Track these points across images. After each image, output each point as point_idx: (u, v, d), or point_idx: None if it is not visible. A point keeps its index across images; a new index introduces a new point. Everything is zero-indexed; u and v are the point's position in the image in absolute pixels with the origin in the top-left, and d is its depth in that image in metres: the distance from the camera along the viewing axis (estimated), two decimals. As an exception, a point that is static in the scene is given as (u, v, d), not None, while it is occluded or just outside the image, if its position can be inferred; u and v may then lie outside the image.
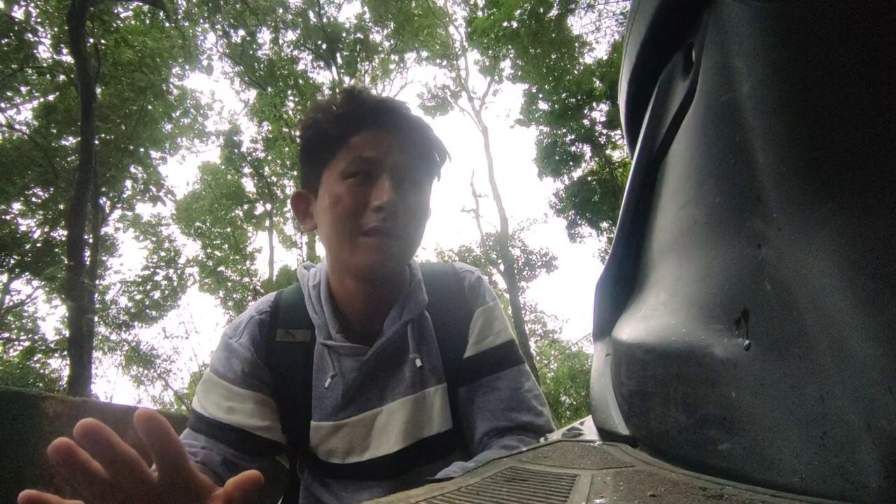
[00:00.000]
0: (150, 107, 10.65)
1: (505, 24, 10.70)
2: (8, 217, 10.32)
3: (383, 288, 0.81)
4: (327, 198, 0.74)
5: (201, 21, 10.84)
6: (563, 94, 11.62)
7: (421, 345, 0.80)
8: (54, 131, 10.29)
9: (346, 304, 0.82)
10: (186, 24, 10.68)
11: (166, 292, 13.80)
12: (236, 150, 13.91)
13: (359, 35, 12.81)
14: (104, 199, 11.61)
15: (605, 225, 11.98)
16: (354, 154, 0.73)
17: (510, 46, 11.45)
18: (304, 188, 0.81)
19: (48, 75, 9.00)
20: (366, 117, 0.75)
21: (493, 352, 0.84)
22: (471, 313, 0.86)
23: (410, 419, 0.78)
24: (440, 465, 0.76)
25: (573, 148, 12.29)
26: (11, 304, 12.24)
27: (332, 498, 0.81)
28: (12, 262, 10.28)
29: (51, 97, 10.10)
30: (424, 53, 15.09)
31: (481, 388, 0.82)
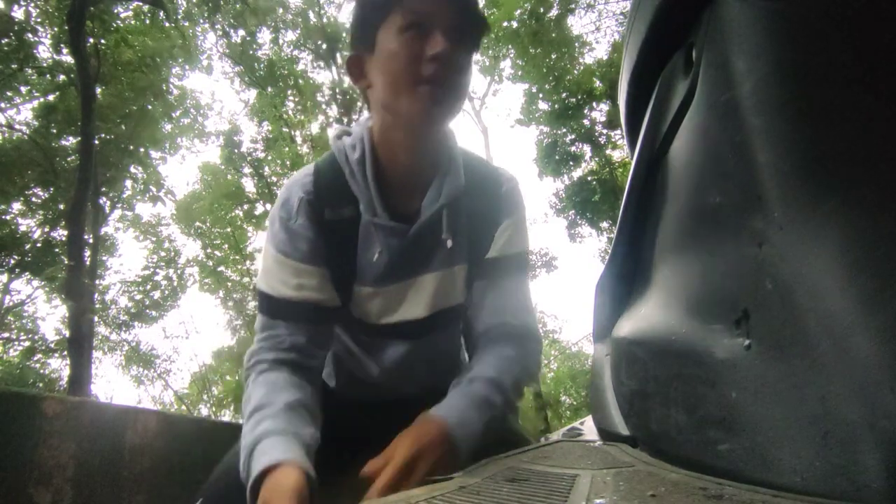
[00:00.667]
0: (150, 107, 10.65)
1: (505, 24, 10.70)
2: (8, 217, 10.32)
3: (428, 150, 0.87)
4: (384, 53, 0.80)
5: (201, 21, 10.84)
6: (563, 94, 11.61)
7: (453, 227, 0.88)
8: (54, 131, 10.29)
9: (391, 174, 0.87)
10: (186, 24, 10.68)
11: (166, 292, 13.80)
12: (236, 150, 13.89)
13: (359, 35, 12.76)
14: (104, 199, 11.60)
15: (605, 225, 11.97)
16: (409, 8, 0.78)
17: (510, 46, 11.44)
18: (358, 50, 0.86)
19: (48, 75, 8.99)
20: None
21: (514, 257, 0.93)
22: (501, 217, 0.93)
23: (437, 291, 0.89)
24: (451, 330, 0.96)
25: (573, 148, 12.28)
26: (11, 304, 12.24)
27: (361, 350, 0.95)
28: (12, 262, 10.28)
29: (51, 97, 10.09)
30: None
31: (496, 286, 0.92)
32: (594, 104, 11.77)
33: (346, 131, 0.93)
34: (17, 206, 10.64)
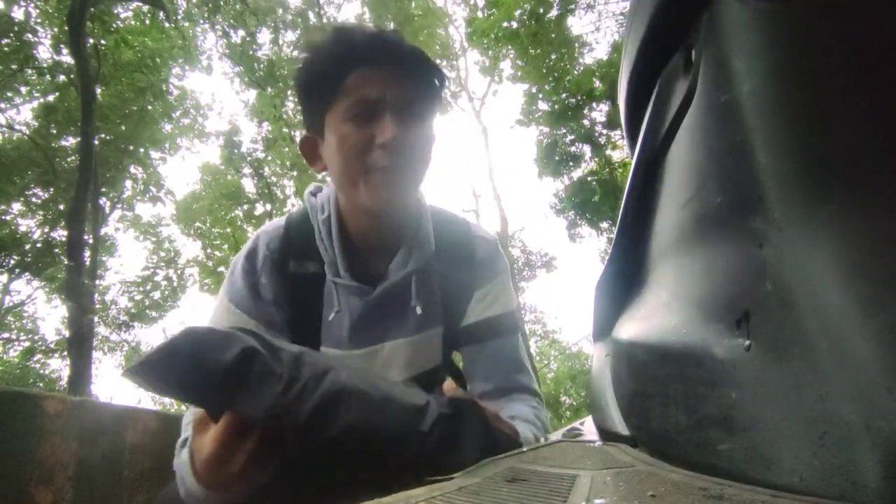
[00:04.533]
0: (149, 107, 10.66)
1: (505, 24, 10.70)
2: (8, 217, 10.32)
3: (392, 223, 0.84)
4: (334, 139, 0.76)
5: (201, 21, 10.84)
6: (563, 95, 11.60)
7: (422, 293, 0.85)
8: (54, 131, 10.29)
9: (357, 239, 0.84)
10: (186, 24, 10.68)
11: (166, 293, 13.80)
12: (236, 151, 13.90)
13: (359, 35, 12.78)
14: (104, 199, 11.61)
15: (605, 225, 11.96)
16: (354, 95, 0.74)
17: (510, 47, 11.44)
18: (310, 131, 0.82)
19: (48, 75, 9.00)
20: (359, 56, 0.74)
21: (501, 318, 0.90)
22: (477, 284, 0.90)
23: (413, 357, 0.86)
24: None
25: (573, 148, 12.28)
26: (11, 304, 12.25)
27: None
28: (12, 262, 10.28)
29: (51, 97, 10.09)
30: (424, 53, 15.04)
31: (486, 350, 0.89)
32: (594, 104, 11.77)
33: (320, 188, 0.90)
34: (17, 207, 10.65)
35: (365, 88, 0.74)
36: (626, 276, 0.71)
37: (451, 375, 0.99)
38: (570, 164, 12.45)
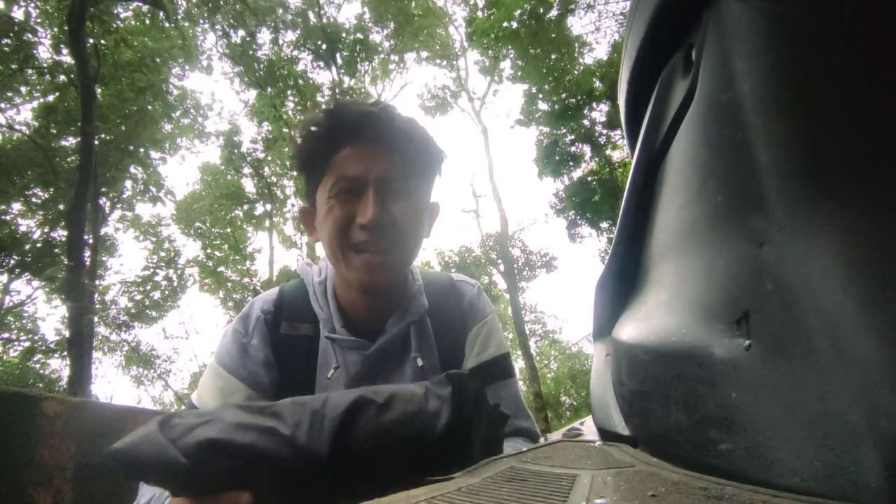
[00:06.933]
0: (149, 107, 10.65)
1: (505, 24, 10.70)
2: (8, 217, 10.32)
3: (383, 296, 0.84)
4: (320, 214, 0.78)
5: (201, 21, 10.84)
6: (563, 95, 11.61)
7: (422, 345, 0.84)
8: (54, 131, 10.29)
9: (350, 305, 0.85)
10: (186, 24, 10.68)
11: (166, 292, 13.80)
12: (236, 151, 13.91)
13: (359, 35, 12.80)
14: (104, 199, 11.61)
15: (605, 225, 11.97)
16: (338, 173, 0.75)
17: (510, 47, 11.44)
18: (307, 203, 0.84)
19: (48, 75, 9.00)
20: (346, 133, 0.75)
21: (493, 362, 0.89)
22: (469, 326, 0.90)
23: None
24: None
25: (573, 148, 12.28)
26: (11, 304, 12.24)
27: None
28: (12, 262, 10.28)
29: (51, 97, 10.09)
30: (424, 54, 15.09)
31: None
32: (594, 104, 11.78)
33: (312, 263, 0.92)
34: (17, 207, 10.65)
35: (348, 166, 0.74)
36: (627, 276, 0.71)
37: None
38: (570, 164, 12.46)
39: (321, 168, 0.77)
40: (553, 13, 10.78)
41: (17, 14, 8.25)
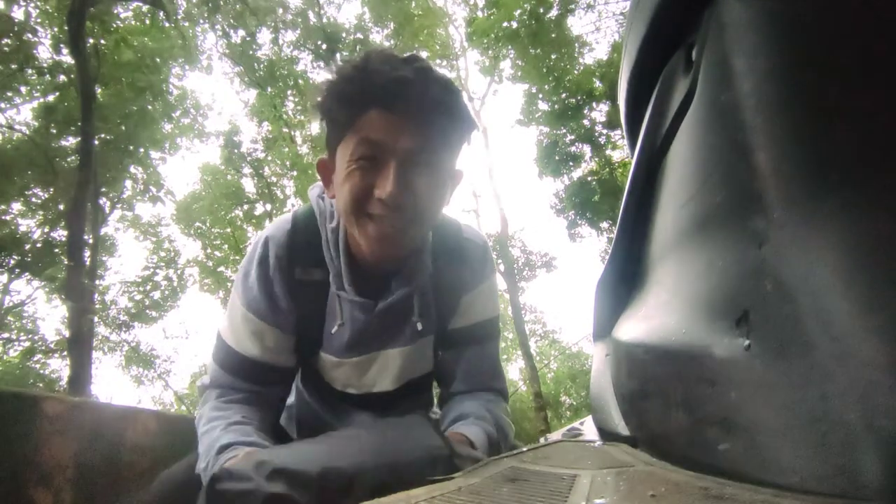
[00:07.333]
0: (149, 107, 10.64)
1: (505, 24, 10.69)
2: (8, 217, 10.31)
3: (390, 259, 0.84)
4: (339, 174, 0.74)
5: (201, 21, 10.84)
6: (563, 95, 11.59)
7: (423, 309, 0.87)
8: (54, 131, 10.28)
9: (360, 257, 0.84)
10: (186, 24, 10.68)
11: (166, 292, 13.79)
12: (236, 151, 13.90)
13: (359, 35, 12.80)
14: (104, 199, 11.60)
15: (605, 225, 11.95)
16: (363, 135, 0.70)
17: (510, 47, 11.43)
18: (327, 155, 0.80)
19: (48, 75, 8.98)
20: (377, 96, 0.70)
21: (485, 324, 0.94)
22: (467, 286, 0.92)
23: (405, 364, 0.89)
24: (421, 396, 0.98)
25: (573, 148, 12.26)
26: (11, 304, 12.24)
27: (328, 413, 0.94)
28: (12, 262, 10.27)
29: (51, 97, 10.08)
30: (424, 53, 15.08)
31: (468, 354, 0.93)
32: (594, 104, 11.76)
33: (326, 196, 0.87)
34: (17, 207, 10.64)
35: (375, 129, 0.70)
36: (627, 276, 0.71)
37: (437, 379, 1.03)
38: (570, 164, 12.44)
39: (345, 125, 0.72)
40: (553, 13, 10.78)
41: (17, 14, 8.25)
